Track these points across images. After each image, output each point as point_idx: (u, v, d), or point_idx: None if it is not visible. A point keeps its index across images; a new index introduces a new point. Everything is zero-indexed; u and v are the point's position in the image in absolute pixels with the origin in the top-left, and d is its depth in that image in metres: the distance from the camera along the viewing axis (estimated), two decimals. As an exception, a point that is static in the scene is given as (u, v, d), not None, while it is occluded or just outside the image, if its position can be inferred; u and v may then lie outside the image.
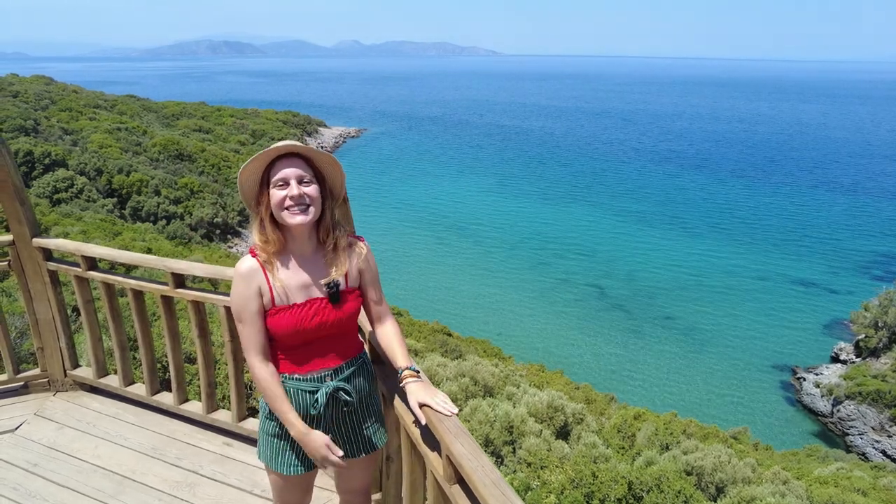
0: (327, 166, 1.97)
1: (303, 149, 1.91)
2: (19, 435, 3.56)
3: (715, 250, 31.93)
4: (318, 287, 1.97)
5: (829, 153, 60.71)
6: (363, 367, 2.15)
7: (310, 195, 1.90)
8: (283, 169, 1.88)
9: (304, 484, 2.21)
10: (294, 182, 1.88)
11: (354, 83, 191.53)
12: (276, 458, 2.10)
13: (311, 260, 1.99)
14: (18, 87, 41.74)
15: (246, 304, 1.93)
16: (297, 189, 1.87)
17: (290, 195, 1.87)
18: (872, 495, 7.35)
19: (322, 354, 2.02)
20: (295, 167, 1.89)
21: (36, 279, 3.78)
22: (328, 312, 1.97)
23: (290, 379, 2.02)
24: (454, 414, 1.80)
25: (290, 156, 1.91)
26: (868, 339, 20.12)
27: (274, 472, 2.13)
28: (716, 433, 9.17)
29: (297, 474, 2.11)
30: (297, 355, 2.00)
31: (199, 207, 28.79)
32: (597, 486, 5.18)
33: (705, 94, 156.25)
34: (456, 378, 7.75)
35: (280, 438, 2.08)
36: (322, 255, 2.00)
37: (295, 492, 2.19)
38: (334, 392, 2.01)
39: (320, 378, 2.01)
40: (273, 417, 2.06)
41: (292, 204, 1.87)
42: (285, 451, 2.09)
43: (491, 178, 47.95)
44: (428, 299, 25.34)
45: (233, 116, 51.41)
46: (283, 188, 1.88)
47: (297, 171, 1.89)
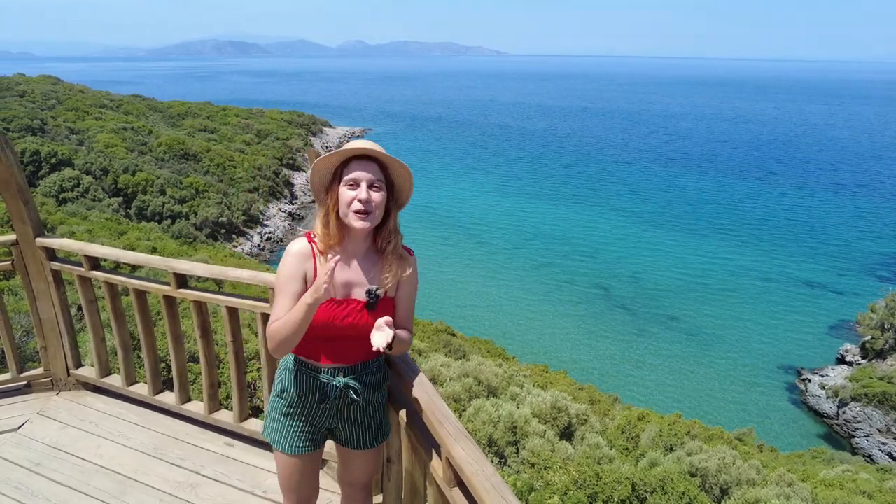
0: (399, 175, 2.02)
1: (380, 153, 1.95)
2: (22, 434, 3.56)
3: (720, 251, 31.80)
4: (360, 289, 2.01)
5: (836, 154, 60.40)
6: (379, 368, 2.17)
7: (376, 201, 1.94)
8: (356, 170, 1.93)
9: (309, 467, 2.23)
10: (364, 185, 1.92)
11: (359, 83, 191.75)
12: (281, 437, 2.15)
13: (361, 261, 2.03)
14: (25, 87, 41.95)
15: (288, 281, 1.98)
16: (366, 193, 1.91)
17: (358, 197, 1.91)
18: (878, 498, 7.30)
19: (344, 352, 2.05)
20: (369, 171, 1.93)
21: (39, 279, 3.79)
22: (361, 316, 1.99)
23: (305, 367, 2.08)
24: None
25: (366, 157, 1.95)
26: (874, 341, 20.00)
27: (279, 451, 2.18)
28: (720, 434, 9.13)
29: (301, 454, 2.15)
30: (321, 346, 2.04)
31: (204, 207, 28.87)
32: (600, 487, 5.16)
33: (711, 94, 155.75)
34: (459, 378, 7.74)
35: (288, 417, 2.13)
36: (374, 258, 2.04)
37: (300, 475, 2.22)
38: (344, 388, 2.05)
39: (335, 372, 2.06)
40: (283, 396, 2.12)
41: (360, 207, 1.91)
42: (291, 431, 2.14)
43: (495, 179, 47.90)
44: (431, 299, 25.33)
45: (238, 116, 51.51)
46: (353, 188, 1.92)
47: (370, 175, 1.93)
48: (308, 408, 2.12)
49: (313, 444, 2.18)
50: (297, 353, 2.09)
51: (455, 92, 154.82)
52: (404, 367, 2.16)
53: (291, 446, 2.15)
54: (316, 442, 2.19)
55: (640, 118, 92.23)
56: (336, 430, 2.19)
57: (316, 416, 2.14)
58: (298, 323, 1.88)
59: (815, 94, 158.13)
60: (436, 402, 1.90)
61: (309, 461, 2.21)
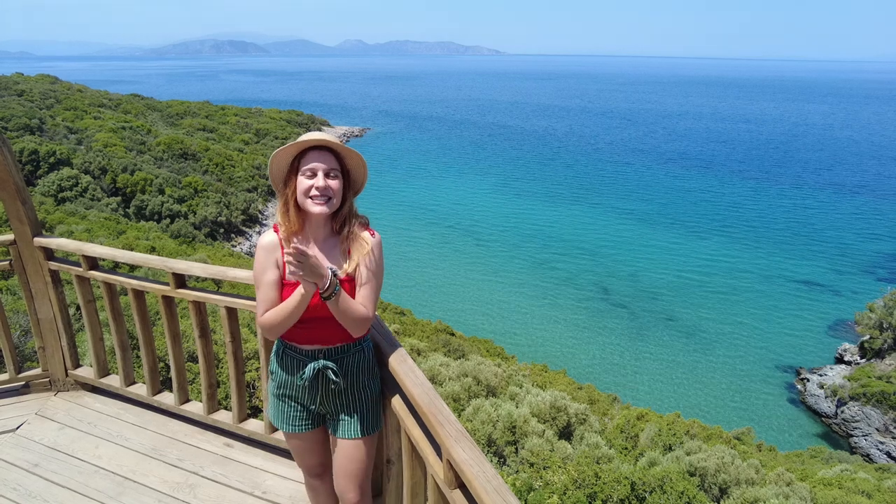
0: (353, 163, 2.13)
1: (334, 144, 2.06)
2: (20, 435, 3.55)
3: (719, 251, 31.83)
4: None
5: (835, 154, 60.48)
6: (360, 353, 2.24)
7: (333, 188, 2.05)
8: (313, 161, 2.04)
9: (312, 443, 2.35)
10: (321, 174, 2.03)
11: (358, 82, 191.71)
12: (279, 417, 2.30)
13: (322, 245, 2.15)
14: (23, 87, 41.90)
15: (263, 271, 2.11)
16: (324, 181, 2.02)
17: (316, 185, 2.02)
18: (877, 497, 7.31)
19: (321, 333, 2.15)
20: (324, 161, 2.04)
21: (37, 278, 3.78)
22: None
23: (288, 348, 2.21)
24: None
25: (321, 148, 2.06)
26: (873, 341, 20.03)
27: (283, 432, 2.33)
28: (719, 434, 9.14)
29: (300, 433, 2.30)
30: (299, 330, 2.14)
31: (203, 206, 28.84)
32: (600, 486, 5.15)
33: (709, 93, 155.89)
34: (459, 378, 7.74)
35: (279, 399, 2.28)
36: (333, 242, 2.16)
37: (307, 452, 2.37)
38: (322, 369, 2.15)
39: (314, 354, 2.17)
40: (273, 377, 2.28)
41: (317, 194, 2.02)
42: (285, 410, 2.28)
43: (494, 178, 47.91)
44: (431, 299, 25.34)
45: (237, 115, 51.49)
46: (310, 178, 2.03)
47: (326, 165, 2.04)
48: (294, 388, 2.22)
49: (310, 424, 2.29)
50: (281, 337, 2.21)
51: (454, 91, 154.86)
52: (405, 368, 2.15)
53: (288, 424, 2.29)
54: (313, 422, 2.30)
55: (639, 117, 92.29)
56: (327, 415, 2.28)
57: (303, 397, 2.23)
58: (291, 311, 2.03)
59: (814, 94, 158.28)
60: (436, 404, 1.89)
61: (309, 437, 2.33)
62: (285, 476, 3.23)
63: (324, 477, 2.47)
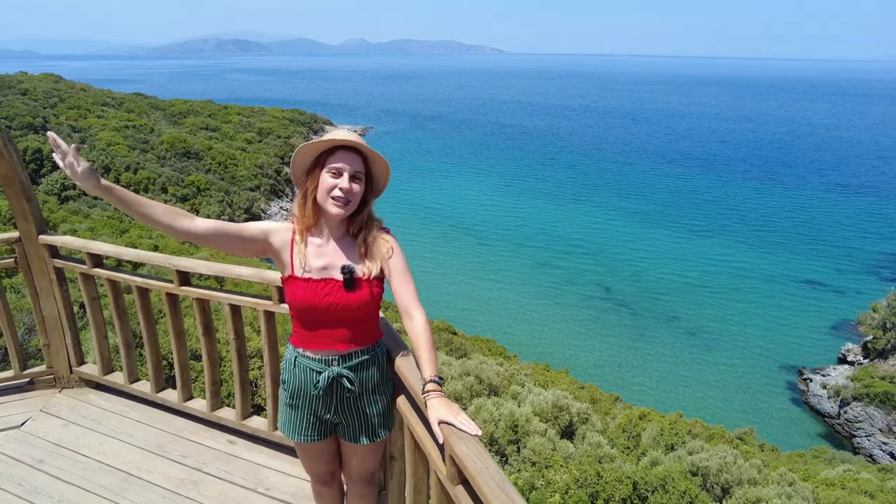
0: (378, 169, 2.09)
1: (363, 146, 2.02)
2: (25, 431, 3.57)
3: (722, 251, 31.78)
4: (337, 269, 2.07)
5: (839, 153, 60.30)
6: (375, 358, 2.18)
7: (356, 192, 2.02)
8: (341, 160, 1.99)
9: (322, 453, 2.31)
10: (347, 175, 1.99)
11: (361, 81, 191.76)
12: (288, 426, 2.25)
13: (338, 243, 2.10)
14: (27, 85, 41.97)
15: (259, 226, 2.10)
16: (348, 183, 1.98)
17: (340, 186, 1.98)
18: (880, 498, 7.29)
19: (334, 337, 2.09)
20: (352, 163, 2.00)
21: (42, 276, 3.79)
22: (340, 296, 2.04)
23: (302, 356, 2.13)
24: (477, 435, 1.74)
25: (350, 148, 2.01)
26: (876, 341, 19.98)
27: (294, 442, 2.27)
28: (721, 434, 9.13)
29: (309, 443, 2.24)
30: (311, 332, 2.10)
31: (205, 205, 28.91)
32: (601, 485, 5.16)
33: (712, 93, 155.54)
34: (461, 377, 7.74)
35: (292, 408, 2.21)
36: (349, 241, 2.11)
37: (316, 461, 2.33)
38: (337, 377, 2.09)
39: (328, 360, 2.10)
40: (285, 387, 2.20)
41: (339, 195, 1.98)
42: (297, 421, 2.21)
43: (496, 177, 47.89)
44: (432, 297, 25.33)
45: (239, 114, 51.52)
46: (335, 177, 1.99)
47: (352, 167, 2.00)
48: (308, 398, 2.16)
49: (321, 434, 2.23)
50: (293, 343, 2.15)
51: (456, 90, 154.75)
52: (407, 366, 2.16)
53: (300, 435, 2.23)
54: (324, 432, 2.24)
55: (642, 117, 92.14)
56: (339, 424, 2.22)
57: (317, 406, 2.16)
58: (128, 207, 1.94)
59: (817, 93, 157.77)
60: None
61: (320, 447, 2.29)
62: (288, 473, 3.24)
63: (332, 484, 2.44)
